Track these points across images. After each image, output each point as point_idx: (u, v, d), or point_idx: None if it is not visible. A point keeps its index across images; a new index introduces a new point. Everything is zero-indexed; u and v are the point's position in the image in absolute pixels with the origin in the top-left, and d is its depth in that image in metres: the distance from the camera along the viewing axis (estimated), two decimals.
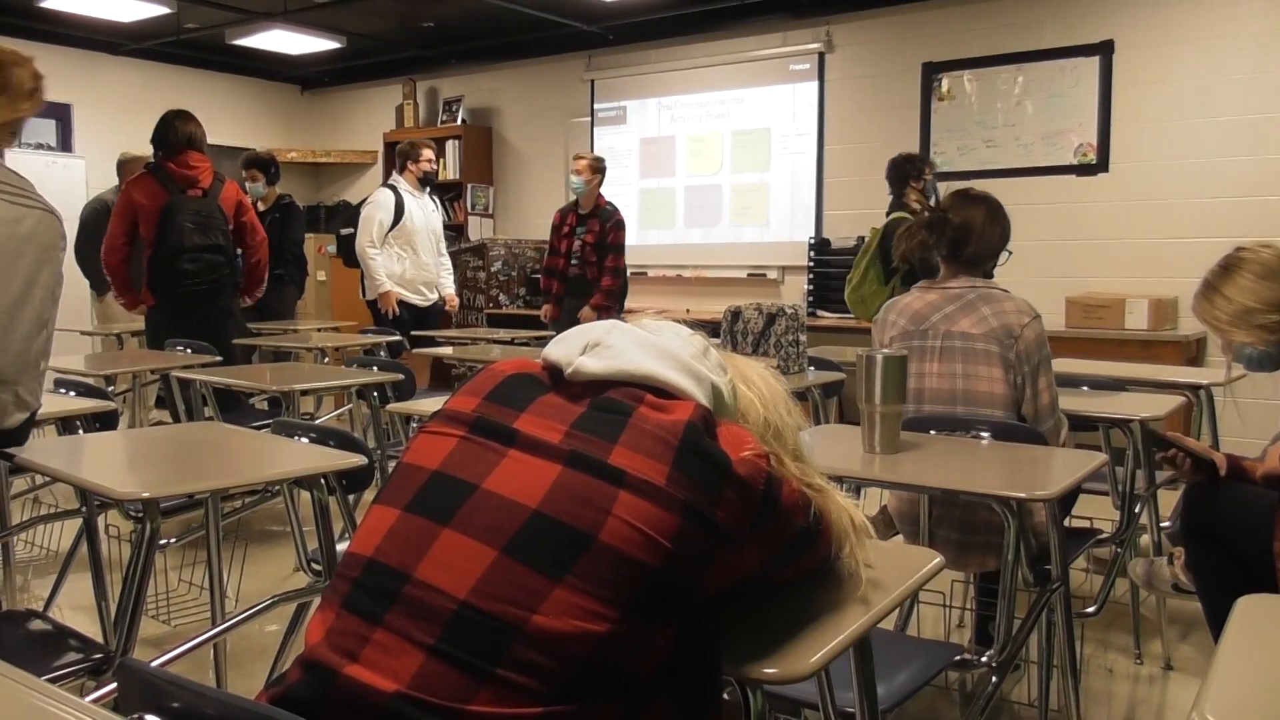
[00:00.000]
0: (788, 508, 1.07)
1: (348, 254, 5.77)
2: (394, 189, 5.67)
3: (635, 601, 0.93)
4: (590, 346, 1.10)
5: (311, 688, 0.92)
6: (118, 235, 4.37)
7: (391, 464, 3.71)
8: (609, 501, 0.95)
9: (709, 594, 1.00)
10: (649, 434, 1.00)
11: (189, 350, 4.15)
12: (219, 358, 4.05)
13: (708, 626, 1.01)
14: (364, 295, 5.76)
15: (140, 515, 2.52)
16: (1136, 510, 2.69)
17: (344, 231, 5.83)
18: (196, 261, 4.27)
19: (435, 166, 5.85)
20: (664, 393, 1.07)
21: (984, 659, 1.77)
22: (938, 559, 1.30)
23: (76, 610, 2.96)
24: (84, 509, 2.36)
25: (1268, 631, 1.02)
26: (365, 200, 5.75)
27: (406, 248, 5.67)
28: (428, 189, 5.81)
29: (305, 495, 2.12)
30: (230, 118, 8.74)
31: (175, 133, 4.36)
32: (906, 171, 4.65)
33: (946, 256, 2.52)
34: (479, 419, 1.05)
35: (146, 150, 6.51)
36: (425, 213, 5.77)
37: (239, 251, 4.57)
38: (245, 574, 3.31)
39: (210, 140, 8.00)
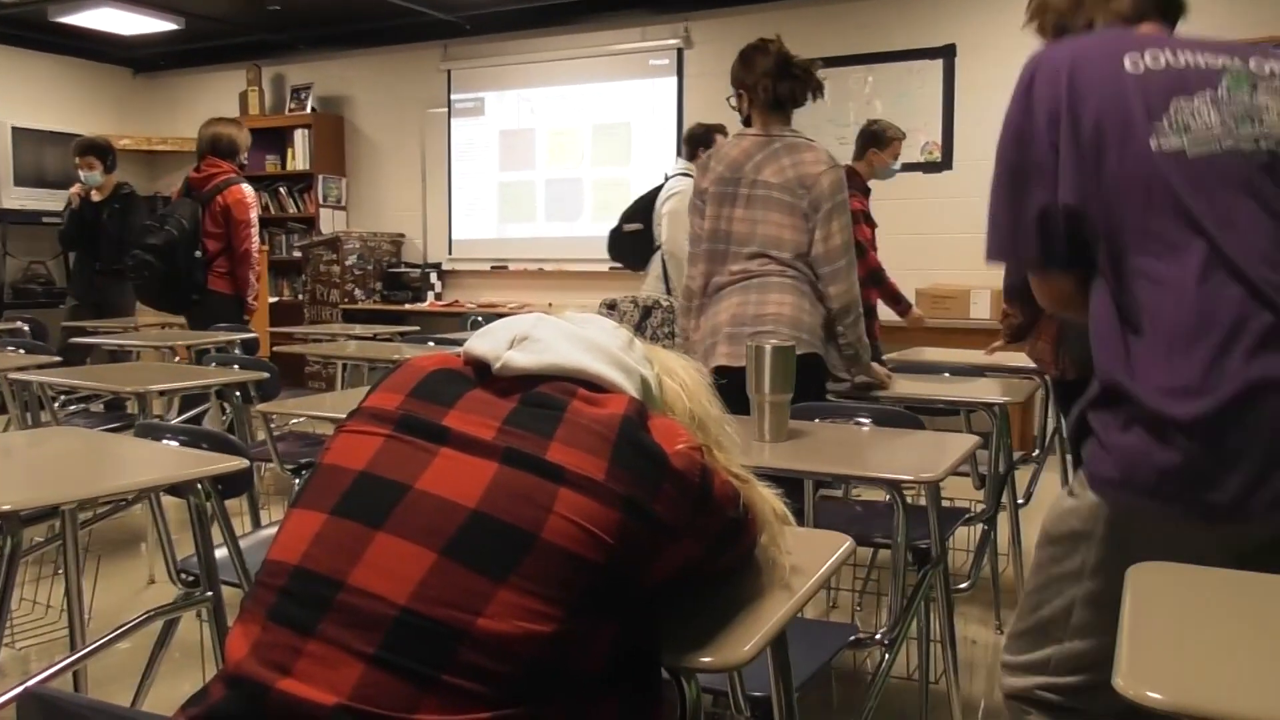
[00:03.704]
0: (720, 499, 1.07)
1: (634, 252, 4.96)
2: (692, 178, 4.87)
3: (580, 599, 0.91)
4: (518, 340, 1.07)
5: (240, 705, 0.87)
6: None
7: (262, 466, 3.56)
8: (550, 499, 0.93)
9: (648, 587, 1.00)
10: (585, 428, 0.99)
11: (22, 350, 3.86)
12: (57, 358, 3.78)
13: (646, 619, 1.01)
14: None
15: None
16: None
17: (629, 227, 4.99)
18: (132, 259, 4.54)
19: None
20: (595, 386, 1.06)
21: (877, 636, 1.83)
22: (849, 542, 1.34)
23: None
24: None
25: (1165, 597, 1.09)
26: (658, 192, 4.86)
27: None
28: None
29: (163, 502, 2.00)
30: (54, 101, 8.16)
31: (199, 139, 4.72)
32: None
33: (760, 105, 2.73)
34: (405, 416, 1.01)
35: None
36: None
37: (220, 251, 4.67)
38: (93, 588, 3.10)
39: (34, 125, 7.59)
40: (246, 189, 4.69)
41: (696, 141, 4.99)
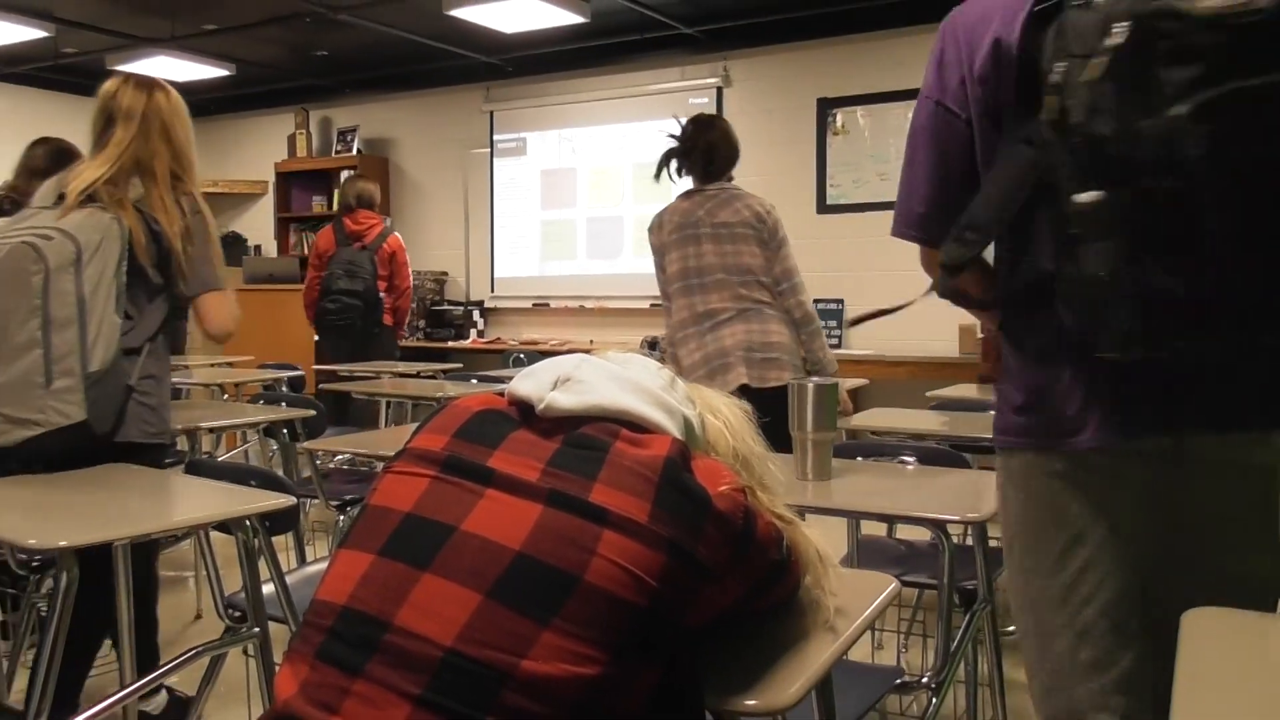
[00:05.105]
0: (763, 541, 1.07)
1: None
2: None
3: (623, 641, 0.91)
4: (561, 381, 1.08)
5: None
6: (310, 273, 5.47)
7: (308, 502, 3.60)
8: (593, 541, 0.94)
9: (691, 629, 1.00)
10: (628, 470, 0.99)
11: None
12: None
13: (688, 659, 1.01)
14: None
15: (36, 566, 2.38)
16: None
17: None
18: (336, 303, 5.25)
19: None
20: (638, 426, 1.06)
21: (924, 680, 1.80)
22: (894, 584, 1.32)
23: None
24: None
25: (1221, 645, 1.06)
26: None
27: None
28: None
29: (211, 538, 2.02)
30: None
31: (345, 194, 5.54)
32: None
33: (699, 174, 3.15)
34: (451, 457, 1.02)
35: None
36: None
37: (385, 289, 5.40)
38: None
39: None
40: (399, 235, 5.54)
41: None
